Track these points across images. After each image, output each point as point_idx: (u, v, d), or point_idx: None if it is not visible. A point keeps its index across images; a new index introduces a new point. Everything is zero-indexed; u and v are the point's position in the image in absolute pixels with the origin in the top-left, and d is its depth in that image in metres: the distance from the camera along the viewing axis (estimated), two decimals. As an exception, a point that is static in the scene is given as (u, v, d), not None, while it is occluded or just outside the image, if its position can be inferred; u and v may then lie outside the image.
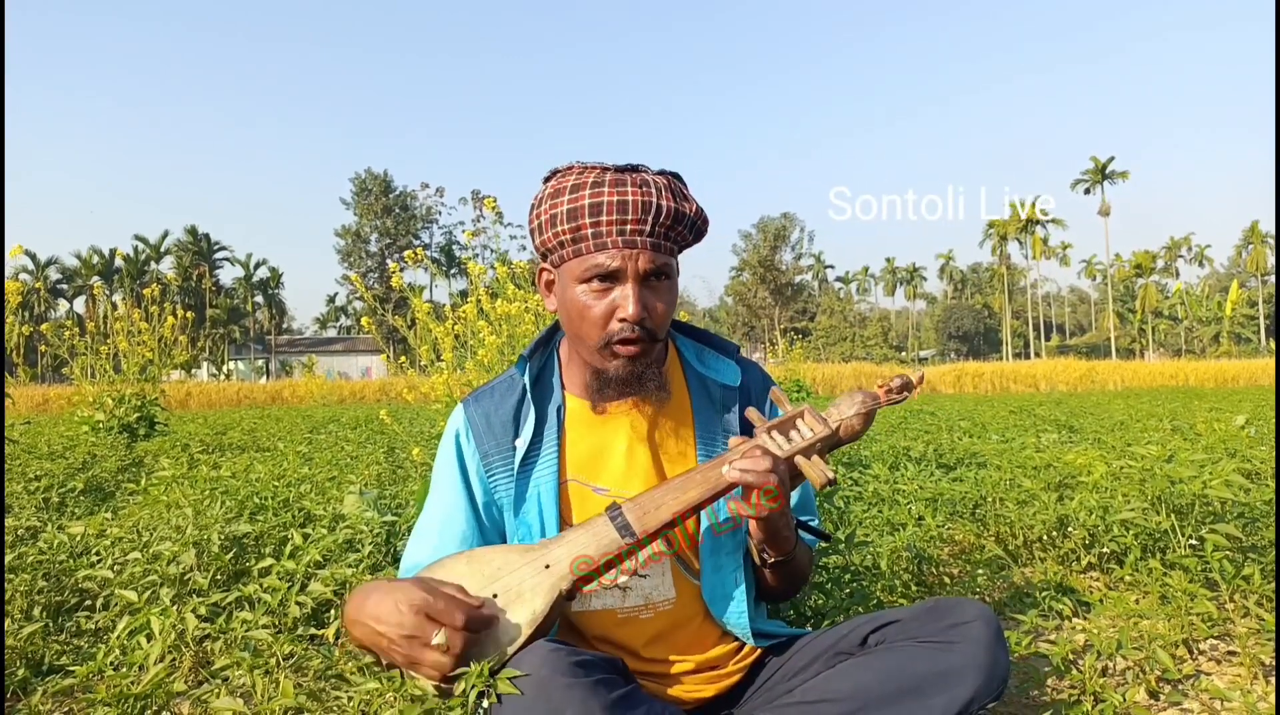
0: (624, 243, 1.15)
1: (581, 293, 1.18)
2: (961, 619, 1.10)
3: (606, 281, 1.17)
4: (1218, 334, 64.91)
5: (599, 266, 1.16)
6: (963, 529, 2.80)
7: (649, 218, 1.16)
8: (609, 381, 1.21)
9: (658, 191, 1.17)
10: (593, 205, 1.15)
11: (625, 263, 1.16)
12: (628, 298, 1.16)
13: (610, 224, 1.15)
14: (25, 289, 5.04)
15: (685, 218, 1.20)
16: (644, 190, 1.16)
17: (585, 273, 1.17)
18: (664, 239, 1.19)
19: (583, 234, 1.16)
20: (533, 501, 1.23)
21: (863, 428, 1.19)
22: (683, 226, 1.20)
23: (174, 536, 2.15)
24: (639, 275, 1.17)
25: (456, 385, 3.17)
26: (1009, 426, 6.61)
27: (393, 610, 0.98)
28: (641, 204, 1.15)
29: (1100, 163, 64.76)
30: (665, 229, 1.18)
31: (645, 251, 1.16)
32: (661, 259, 1.18)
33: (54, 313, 59.89)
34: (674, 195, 1.19)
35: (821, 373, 27.15)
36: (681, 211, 1.19)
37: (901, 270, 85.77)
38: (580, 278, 1.18)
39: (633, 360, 1.19)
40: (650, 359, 1.21)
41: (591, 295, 1.18)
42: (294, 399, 23.82)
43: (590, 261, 1.17)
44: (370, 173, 62.76)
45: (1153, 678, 1.67)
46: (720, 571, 1.25)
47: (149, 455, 5.25)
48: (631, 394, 1.22)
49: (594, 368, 1.23)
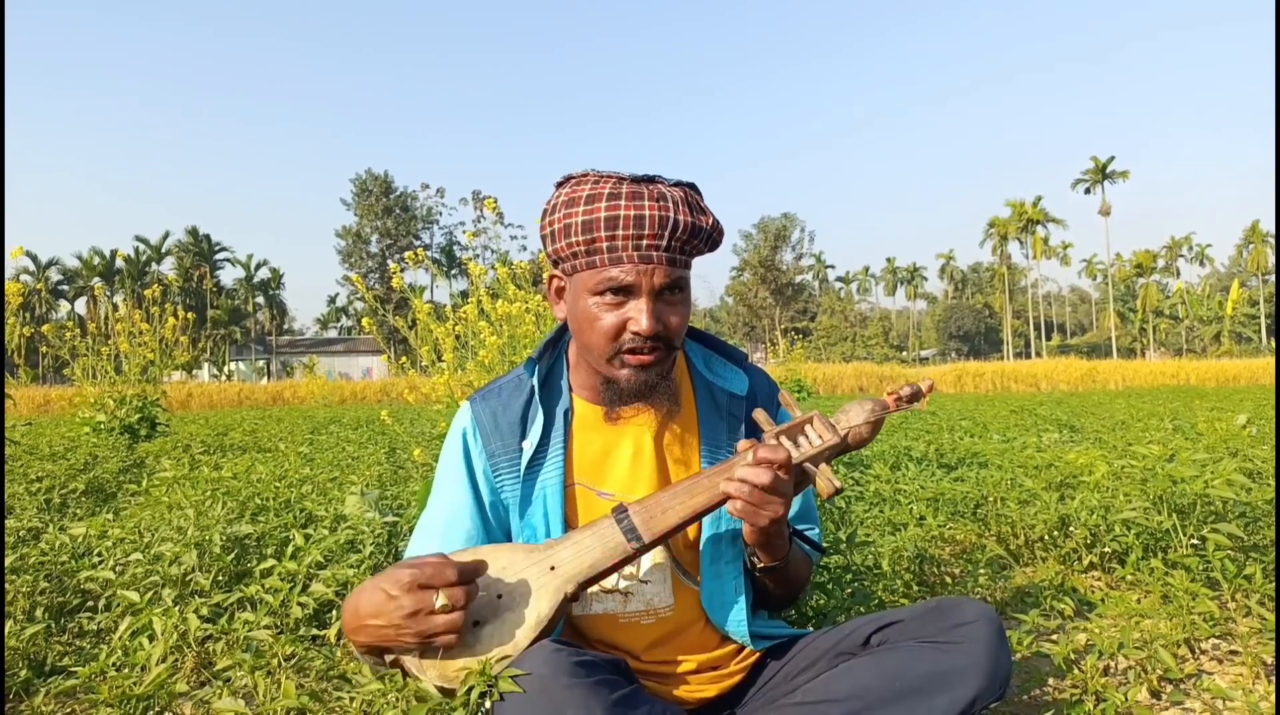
0: (640, 258, 1.13)
1: (594, 304, 1.17)
2: (964, 619, 1.09)
3: (620, 295, 1.15)
4: (1219, 333, 64.86)
5: (613, 280, 1.14)
6: (964, 529, 2.80)
7: (665, 233, 1.14)
8: (620, 392, 1.20)
9: (675, 206, 1.15)
10: (609, 219, 1.13)
11: (640, 278, 1.14)
12: (642, 312, 1.14)
13: (626, 239, 1.13)
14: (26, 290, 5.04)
15: (702, 231, 1.18)
16: (661, 205, 1.14)
17: (598, 285, 1.15)
18: (679, 253, 1.17)
19: (597, 247, 1.14)
20: (538, 504, 1.23)
21: (870, 435, 1.18)
22: (699, 240, 1.19)
23: (176, 537, 2.16)
24: (654, 290, 1.15)
25: (457, 386, 3.17)
26: (1010, 426, 6.61)
27: (385, 598, 0.99)
28: (659, 219, 1.13)
29: (1100, 162, 64.77)
30: (681, 243, 1.16)
31: (661, 267, 1.14)
32: (677, 273, 1.16)
33: (55, 314, 59.88)
34: (690, 209, 1.17)
35: (822, 373, 27.16)
36: (698, 225, 1.17)
37: (902, 270, 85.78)
38: (593, 290, 1.16)
39: (644, 369, 1.18)
40: (663, 369, 1.20)
41: (604, 307, 1.16)
42: (295, 400, 23.83)
43: (604, 274, 1.15)
44: (371, 173, 62.74)
45: (1154, 677, 1.67)
46: (720, 579, 1.25)
47: (150, 456, 5.25)
48: (642, 402, 1.22)
49: (604, 376, 1.22)
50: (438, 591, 0.98)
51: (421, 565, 1.00)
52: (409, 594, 0.98)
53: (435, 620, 0.98)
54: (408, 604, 0.98)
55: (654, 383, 1.20)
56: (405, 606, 0.98)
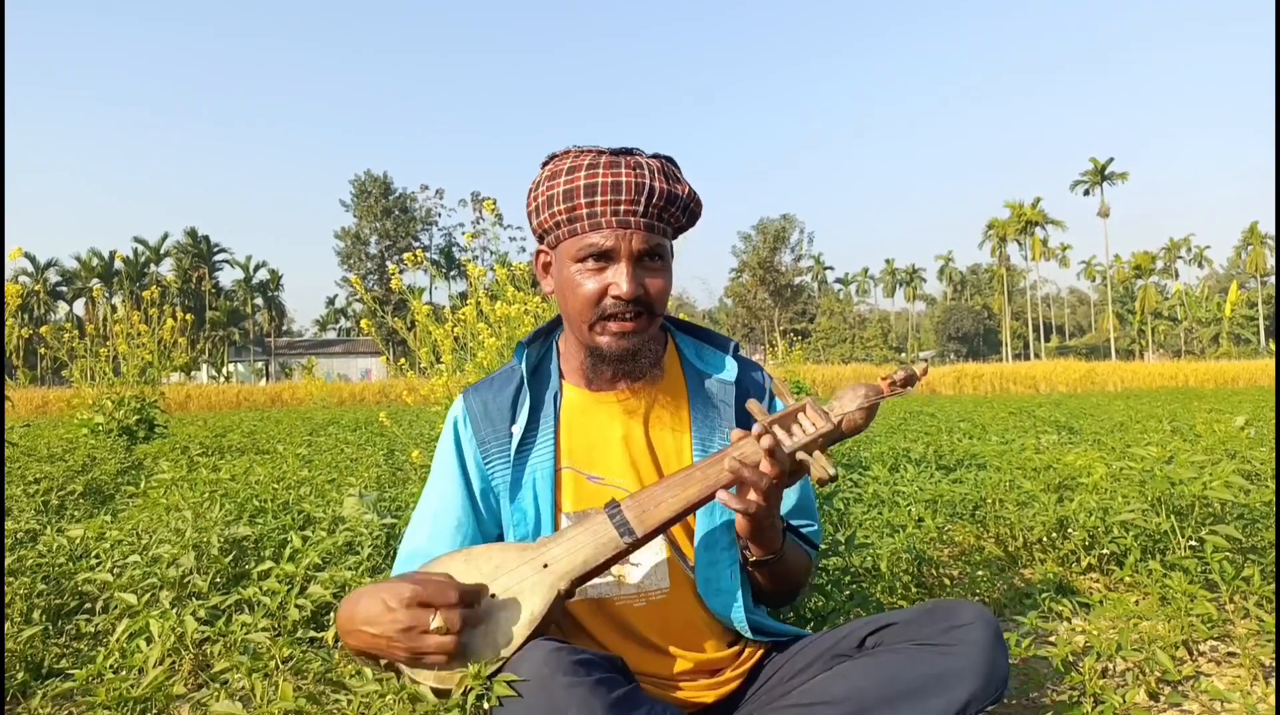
0: (618, 223, 1.18)
1: (576, 271, 1.21)
2: (960, 621, 1.09)
3: (601, 261, 1.19)
4: (1217, 335, 64.95)
5: (593, 246, 1.18)
6: (962, 530, 2.80)
7: (642, 198, 1.18)
8: (603, 358, 1.23)
9: (651, 173, 1.20)
10: (588, 186, 1.18)
11: (619, 242, 1.18)
12: (622, 275, 1.18)
13: (605, 204, 1.18)
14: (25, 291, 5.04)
15: (678, 199, 1.23)
16: (638, 172, 1.19)
17: (580, 252, 1.20)
18: (657, 220, 1.21)
19: (578, 214, 1.19)
20: (528, 488, 1.25)
21: (865, 422, 1.18)
22: (675, 208, 1.23)
23: (173, 539, 2.15)
24: (633, 255, 1.19)
25: (456, 387, 3.17)
26: (1009, 428, 6.62)
27: (383, 609, 0.99)
28: (635, 185, 1.18)
29: (1099, 164, 64.84)
30: (658, 210, 1.20)
31: (639, 231, 1.19)
32: (655, 239, 1.20)
33: (53, 315, 59.88)
34: (666, 177, 1.22)
35: (821, 374, 27.17)
36: (674, 193, 1.22)
37: (901, 271, 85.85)
38: (575, 257, 1.20)
39: (625, 336, 1.21)
40: (645, 337, 1.23)
41: (586, 274, 1.20)
42: (293, 401, 23.81)
43: (585, 241, 1.19)
44: (370, 174, 62.79)
45: (1153, 679, 1.67)
46: (715, 566, 1.25)
47: (148, 458, 5.24)
48: (626, 371, 1.25)
49: (588, 347, 1.25)
50: (435, 611, 0.98)
51: (425, 582, 1.00)
52: (407, 609, 0.98)
53: (428, 640, 0.98)
54: (403, 619, 0.98)
55: (635, 349, 1.22)
56: (401, 621, 0.98)
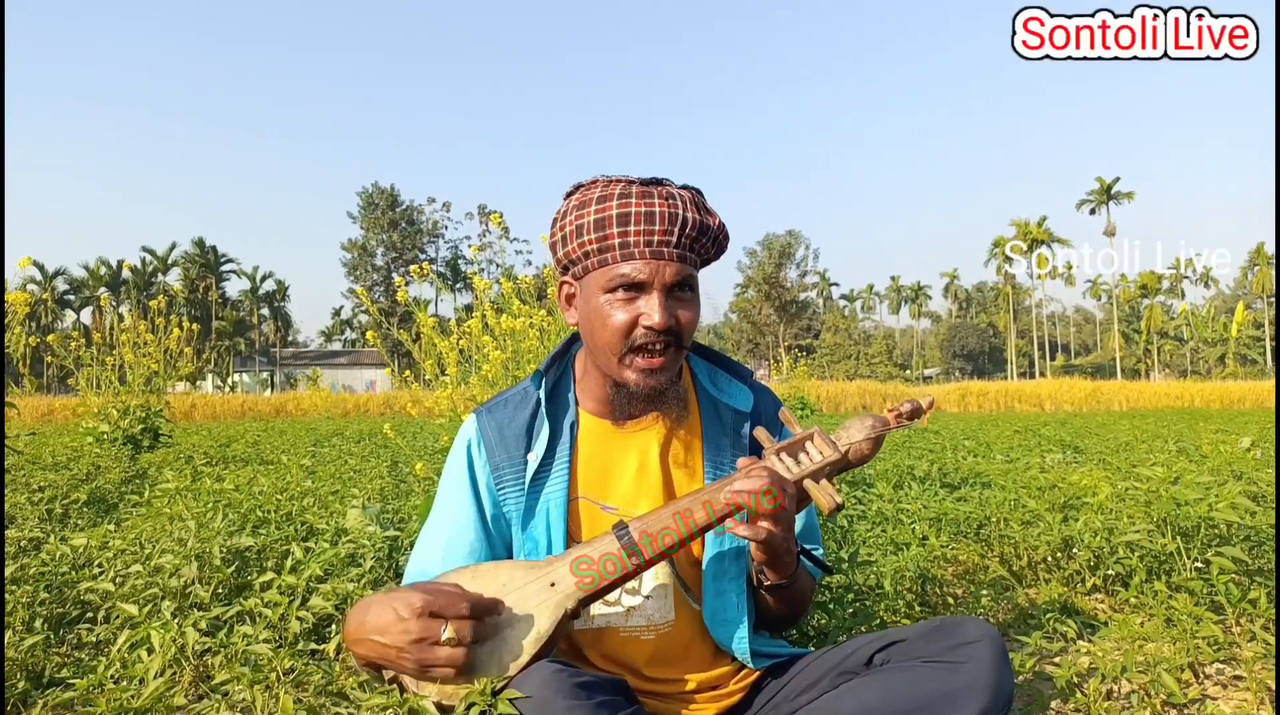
0: (651, 253, 1.17)
1: (606, 302, 1.19)
2: (967, 639, 1.09)
3: (632, 291, 1.18)
4: (1223, 355, 64.69)
5: (625, 276, 1.17)
6: (967, 549, 2.79)
7: (675, 229, 1.17)
8: (630, 396, 1.21)
9: (683, 204, 1.19)
10: (620, 216, 1.17)
11: (653, 273, 1.17)
12: (654, 306, 1.16)
13: (638, 235, 1.17)
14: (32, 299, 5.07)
15: (709, 230, 1.22)
16: (670, 202, 1.18)
17: (611, 282, 1.18)
18: (689, 251, 1.20)
19: (609, 244, 1.17)
20: (541, 517, 1.23)
21: (871, 452, 1.19)
22: (706, 239, 1.22)
23: (176, 549, 2.15)
24: (665, 286, 1.17)
25: (461, 400, 3.17)
26: (1014, 446, 6.59)
27: (395, 619, 0.99)
28: (669, 215, 1.17)
29: (1105, 183, 64.86)
30: (690, 241, 1.20)
31: (672, 262, 1.17)
32: (687, 270, 1.19)
33: (61, 323, 60.06)
34: (698, 208, 1.22)
35: (826, 390, 27.15)
36: (706, 224, 1.21)
37: (906, 288, 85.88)
38: (605, 288, 1.18)
39: (653, 373, 1.19)
40: (672, 373, 1.22)
41: (617, 304, 1.18)
42: (298, 412, 23.82)
43: (616, 271, 1.17)
44: (377, 186, 63.02)
45: (1158, 702, 1.66)
46: (723, 596, 1.24)
47: (153, 467, 5.25)
48: (653, 409, 1.23)
49: (614, 381, 1.23)
50: (447, 622, 0.97)
51: (437, 592, 1.00)
52: (418, 619, 0.98)
53: (438, 652, 0.98)
54: (414, 629, 0.97)
55: (663, 387, 1.21)
56: (412, 632, 0.98)
